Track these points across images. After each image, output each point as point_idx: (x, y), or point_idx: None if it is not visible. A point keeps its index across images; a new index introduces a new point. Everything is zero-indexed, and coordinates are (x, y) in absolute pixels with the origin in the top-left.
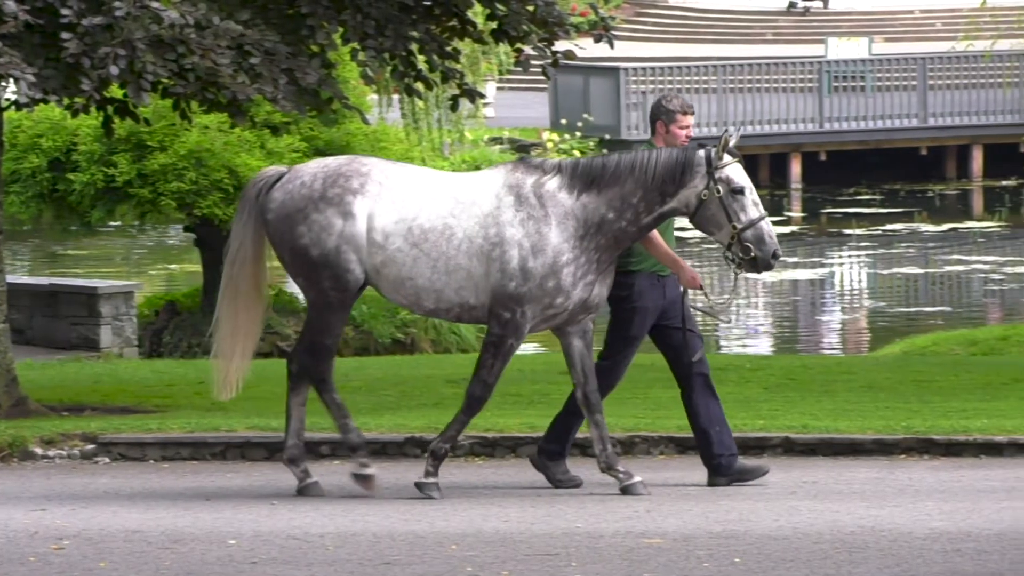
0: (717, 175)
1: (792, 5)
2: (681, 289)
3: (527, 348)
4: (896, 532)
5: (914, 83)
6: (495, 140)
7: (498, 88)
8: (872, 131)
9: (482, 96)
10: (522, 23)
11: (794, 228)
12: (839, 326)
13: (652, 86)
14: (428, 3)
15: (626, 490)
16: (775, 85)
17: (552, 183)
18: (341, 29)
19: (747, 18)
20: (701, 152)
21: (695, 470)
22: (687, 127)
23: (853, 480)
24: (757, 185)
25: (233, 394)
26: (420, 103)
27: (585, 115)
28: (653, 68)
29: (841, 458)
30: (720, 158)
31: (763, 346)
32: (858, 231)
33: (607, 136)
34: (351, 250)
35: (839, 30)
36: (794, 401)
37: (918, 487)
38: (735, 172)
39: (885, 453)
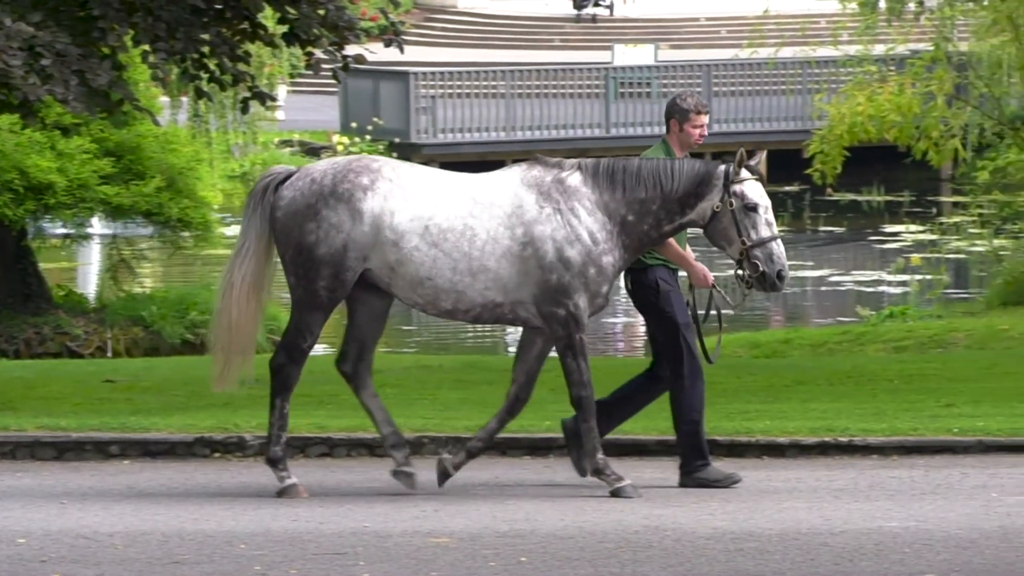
0: (732, 189)
1: (580, 12)
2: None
3: (317, 349)
4: (680, 531)
5: (699, 90)
6: (285, 143)
7: (289, 91)
8: (657, 137)
9: (273, 99)
10: (313, 27)
11: None
12: (621, 328)
13: (441, 91)
14: (219, 6)
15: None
16: (562, 91)
17: (574, 179)
18: (132, 31)
19: (535, 24)
20: (722, 166)
21: (482, 470)
22: (701, 126)
23: (638, 480)
24: None
25: (229, 388)
26: (203, 105)
27: (375, 119)
28: (442, 73)
29: (626, 458)
30: (737, 173)
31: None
32: None
33: (397, 140)
34: (357, 248)
35: (625, 37)
36: None
37: (701, 487)
38: (751, 189)
39: (668, 454)
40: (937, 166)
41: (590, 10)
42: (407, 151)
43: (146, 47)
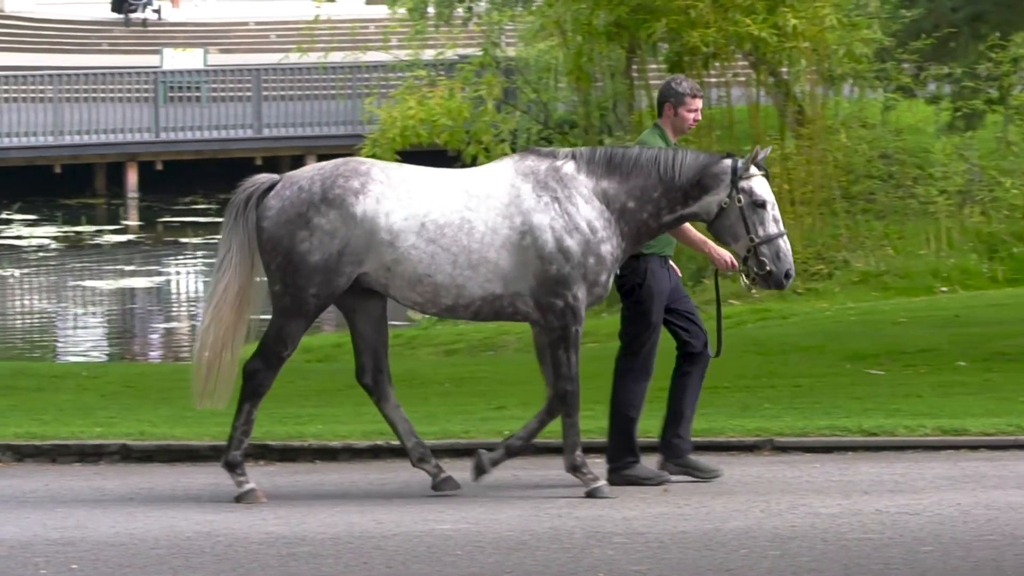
0: (740, 185)
1: (128, 16)
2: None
3: None
4: (232, 537)
5: (249, 94)
6: None
7: None
8: (208, 141)
9: None
10: None
11: (131, 237)
12: (175, 333)
13: None
14: None
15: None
16: (111, 95)
17: (569, 167)
18: None
19: (83, 28)
20: (728, 161)
21: (31, 478)
22: (696, 110)
23: (191, 486)
24: (92, 195)
25: (215, 405)
26: None
27: None
28: None
29: (178, 464)
30: (747, 169)
31: (100, 354)
32: (195, 240)
33: None
34: (352, 253)
35: (175, 41)
36: (132, 408)
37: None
38: (759, 185)
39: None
40: None
41: (139, 14)
42: None
43: None
